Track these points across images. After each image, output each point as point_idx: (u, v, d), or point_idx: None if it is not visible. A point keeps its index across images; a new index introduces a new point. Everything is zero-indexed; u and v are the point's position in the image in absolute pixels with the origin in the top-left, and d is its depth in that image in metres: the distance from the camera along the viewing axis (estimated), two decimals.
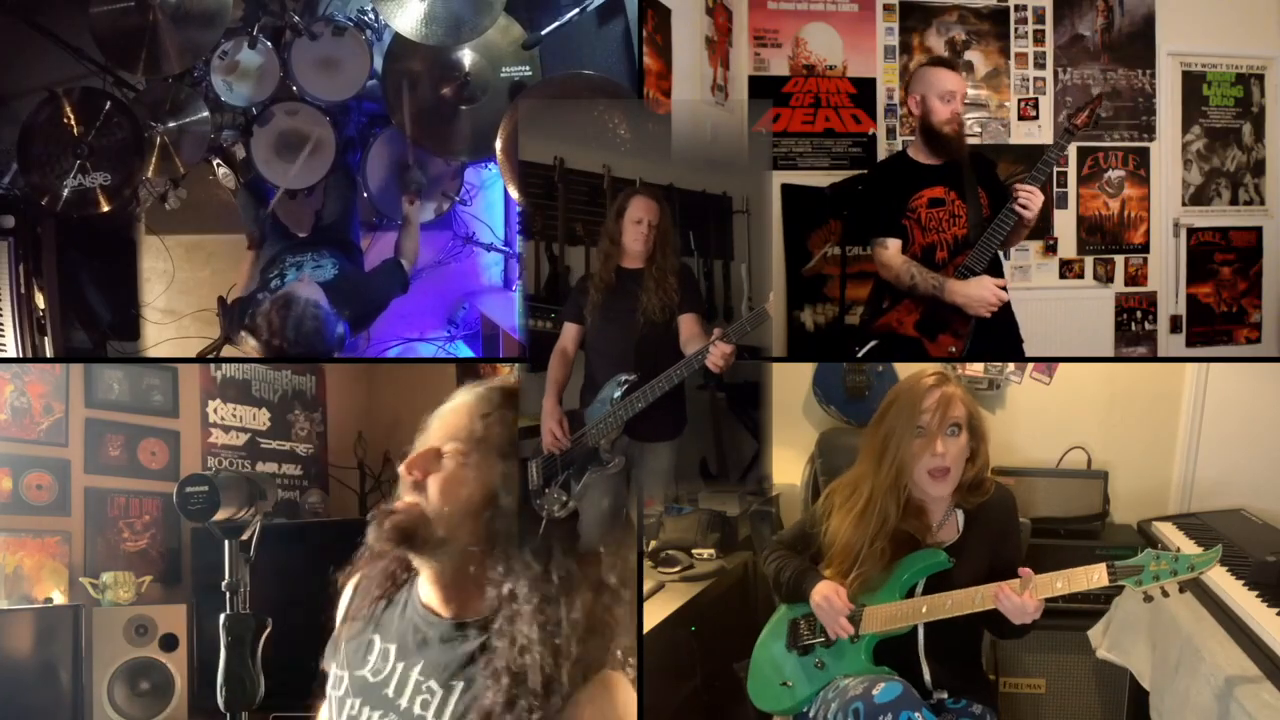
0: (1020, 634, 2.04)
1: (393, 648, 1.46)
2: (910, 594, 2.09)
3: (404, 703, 1.41)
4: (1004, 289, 2.93)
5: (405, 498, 1.44)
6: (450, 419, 1.48)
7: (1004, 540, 2.14)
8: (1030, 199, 2.87)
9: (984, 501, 2.14)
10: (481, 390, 1.52)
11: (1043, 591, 1.91)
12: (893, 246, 3.04)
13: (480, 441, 1.45)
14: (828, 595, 2.12)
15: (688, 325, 2.77)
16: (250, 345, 2.83)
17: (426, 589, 1.47)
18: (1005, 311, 3.01)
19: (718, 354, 2.56)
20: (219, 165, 3.32)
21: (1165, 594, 1.87)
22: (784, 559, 2.30)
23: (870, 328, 3.06)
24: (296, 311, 2.74)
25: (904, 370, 2.77)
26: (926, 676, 2.08)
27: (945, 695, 2.06)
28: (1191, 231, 4.39)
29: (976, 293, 2.90)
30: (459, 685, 1.39)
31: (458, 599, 1.45)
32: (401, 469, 1.45)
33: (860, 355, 3.04)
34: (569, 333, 2.91)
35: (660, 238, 2.80)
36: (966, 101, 3.20)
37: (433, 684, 1.40)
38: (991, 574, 2.02)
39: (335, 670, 1.51)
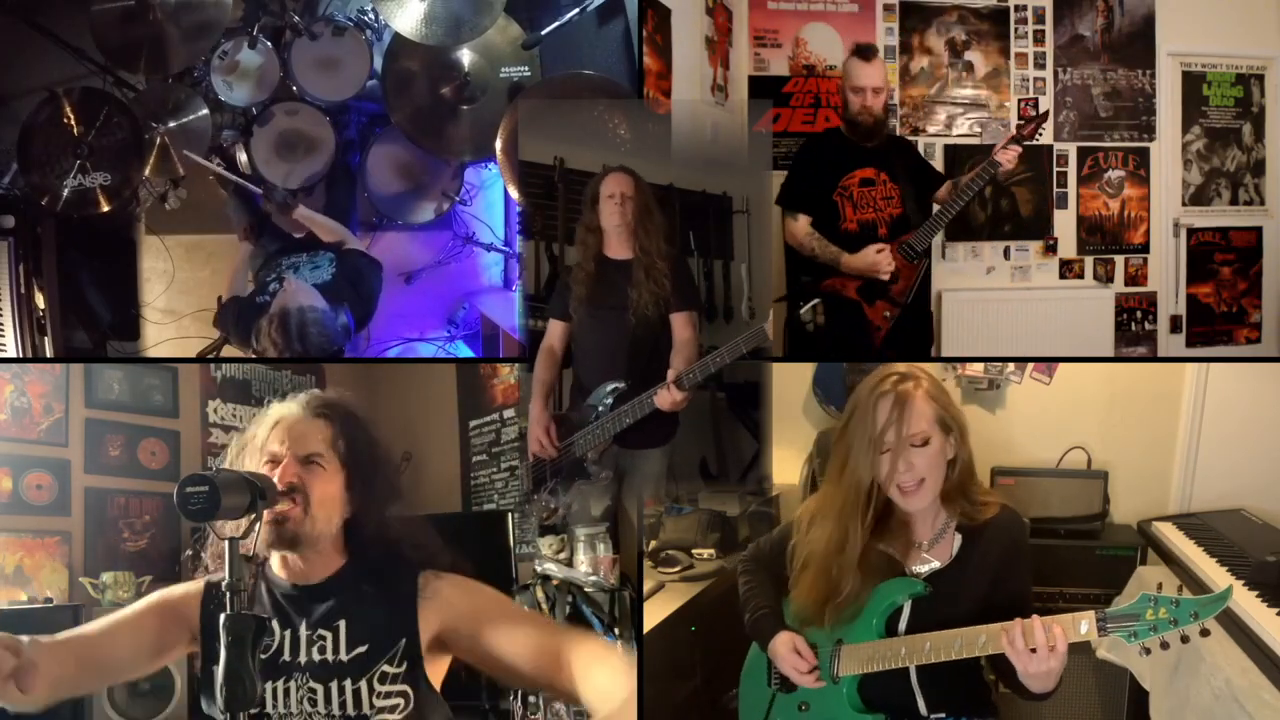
0: (1038, 698, 1.76)
1: (273, 624, 1.63)
2: (891, 624, 1.89)
3: (303, 658, 1.61)
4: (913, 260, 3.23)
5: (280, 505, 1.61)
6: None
7: (1007, 571, 1.87)
8: (1013, 157, 3.15)
9: (988, 522, 1.89)
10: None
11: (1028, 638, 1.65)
12: (802, 220, 3.30)
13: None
14: (784, 654, 1.96)
15: (679, 327, 2.68)
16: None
17: (282, 572, 1.67)
18: (923, 305, 3.41)
19: (667, 399, 2.52)
20: (217, 163, 3.32)
21: (1165, 646, 1.58)
22: (751, 585, 2.11)
23: (818, 287, 3.29)
24: (294, 324, 2.70)
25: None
26: (920, 704, 1.89)
27: (943, 715, 1.89)
28: (1191, 231, 4.39)
29: (868, 261, 3.20)
30: (341, 621, 1.62)
31: (317, 569, 1.67)
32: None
33: (803, 311, 3.29)
34: (555, 330, 2.83)
35: (639, 211, 2.69)
36: (879, 90, 3.31)
37: (321, 631, 1.62)
38: (990, 610, 1.78)
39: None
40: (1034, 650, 1.65)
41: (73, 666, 1.58)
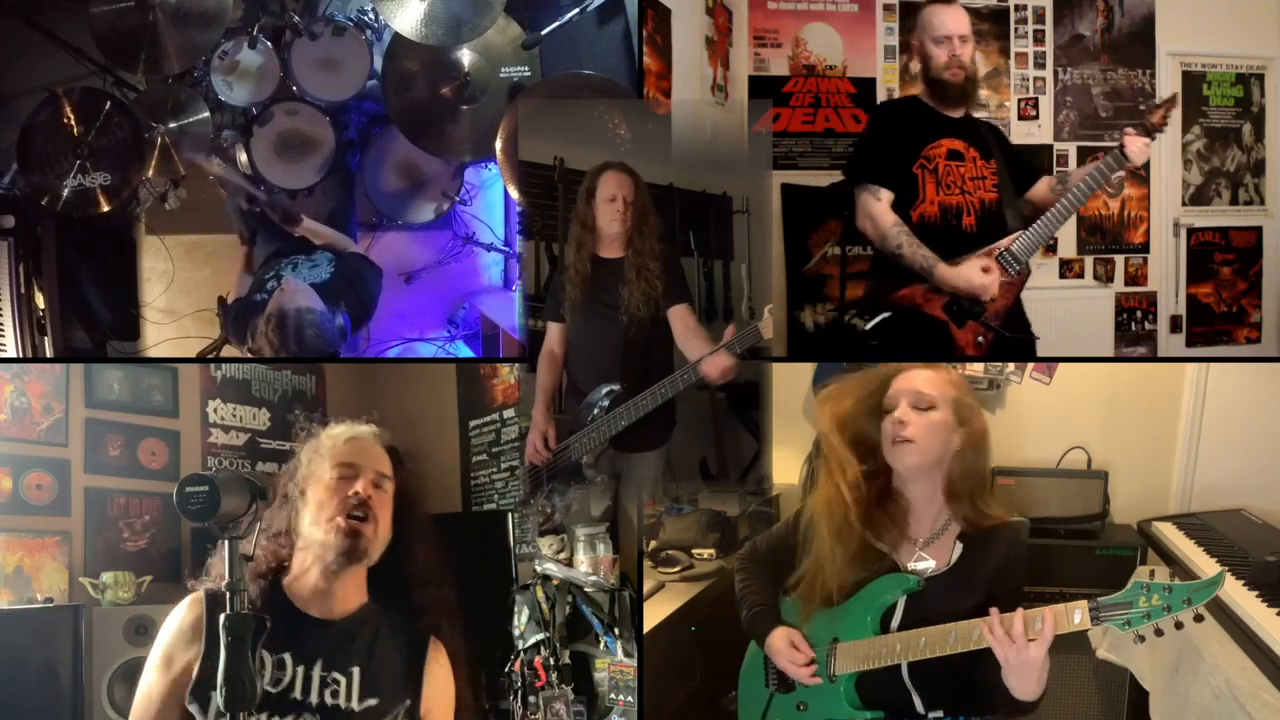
0: (1022, 710, 1.73)
1: (287, 656, 1.61)
2: (885, 622, 1.88)
3: (314, 699, 1.60)
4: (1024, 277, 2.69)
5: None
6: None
7: (1002, 575, 1.85)
8: (1143, 148, 2.56)
9: (991, 533, 1.87)
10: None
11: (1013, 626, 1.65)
12: (885, 199, 2.70)
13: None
14: (781, 649, 1.95)
15: (679, 319, 2.63)
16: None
17: (304, 598, 1.67)
18: (1015, 305, 2.78)
19: (719, 365, 2.40)
20: (217, 164, 3.32)
21: (1160, 633, 1.57)
22: (748, 582, 2.10)
23: (886, 299, 2.69)
24: (291, 325, 2.71)
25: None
26: (917, 703, 1.87)
27: (940, 714, 1.88)
28: (1191, 231, 4.39)
29: (974, 282, 2.62)
30: (356, 668, 1.62)
31: (340, 601, 1.67)
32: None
33: (869, 327, 2.69)
34: (554, 333, 2.81)
35: (638, 216, 2.64)
36: (966, 39, 2.76)
37: (335, 674, 1.61)
38: (984, 612, 1.75)
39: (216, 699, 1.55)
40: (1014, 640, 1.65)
41: None
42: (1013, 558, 1.89)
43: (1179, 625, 1.57)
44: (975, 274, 2.63)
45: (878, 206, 2.70)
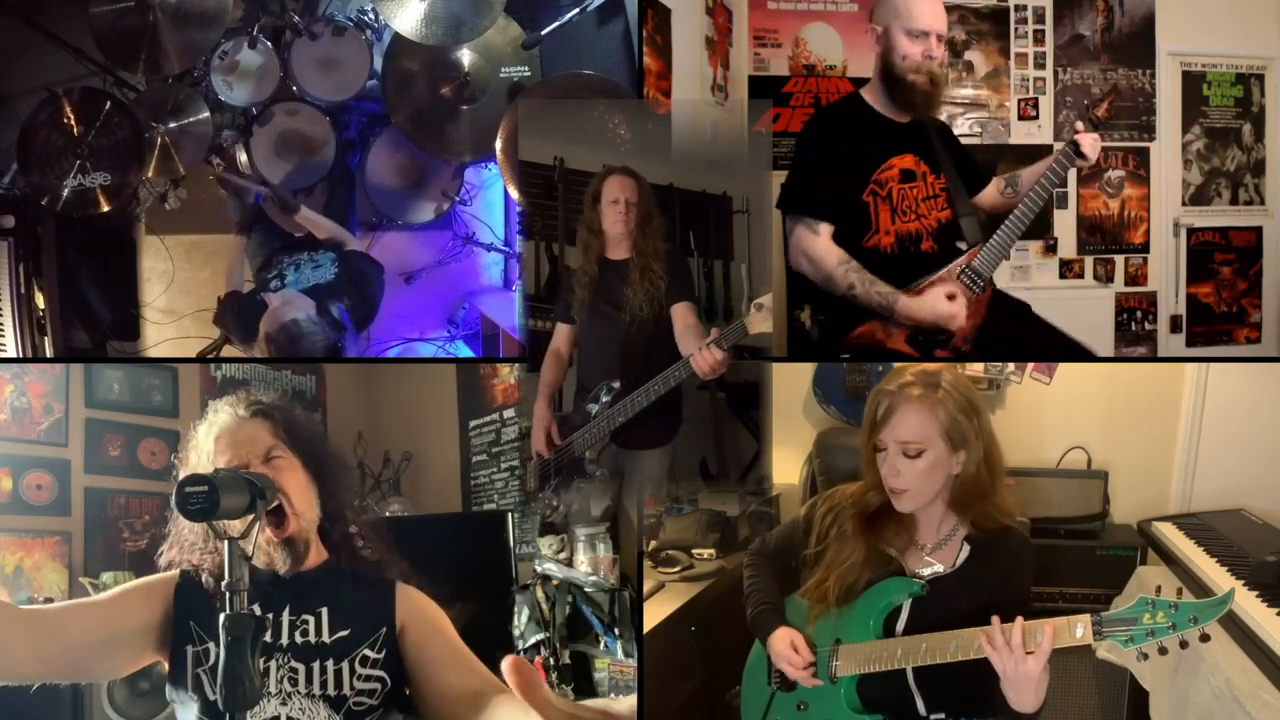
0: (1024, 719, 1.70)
1: (255, 608, 1.62)
2: (889, 624, 1.87)
3: (285, 640, 1.65)
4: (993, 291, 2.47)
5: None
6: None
7: (1007, 582, 1.84)
8: (1094, 143, 2.36)
9: (995, 537, 1.87)
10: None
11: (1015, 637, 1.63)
12: (824, 233, 2.37)
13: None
14: (781, 649, 1.95)
15: (680, 316, 2.64)
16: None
17: (264, 556, 1.68)
18: (1025, 313, 2.65)
19: (709, 360, 2.34)
20: (217, 164, 3.32)
21: (1164, 651, 1.54)
22: (756, 579, 2.09)
23: (841, 340, 2.44)
24: (284, 341, 2.71)
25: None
26: (920, 705, 1.86)
27: (942, 716, 1.87)
28: (1191, 231, 4.39)
29: (939, 312, 2.35)
30: (324, 608, 1.67)
31: (301, 558, 1.70)
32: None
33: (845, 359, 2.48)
34: (561, 334, 2.85)
35: (641, 218, 2.67)
36: (943, 39, 2.41)
37: (304, 616, 1.66)
38: (990, 615, 1.72)
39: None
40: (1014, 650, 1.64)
41: (19, 642, 1.58)
42: (1020, 561, 1.89)
43: (1184, 644, 1.54)
44: (941, 304, 2.37)
45: (817, 243, 2.37)
